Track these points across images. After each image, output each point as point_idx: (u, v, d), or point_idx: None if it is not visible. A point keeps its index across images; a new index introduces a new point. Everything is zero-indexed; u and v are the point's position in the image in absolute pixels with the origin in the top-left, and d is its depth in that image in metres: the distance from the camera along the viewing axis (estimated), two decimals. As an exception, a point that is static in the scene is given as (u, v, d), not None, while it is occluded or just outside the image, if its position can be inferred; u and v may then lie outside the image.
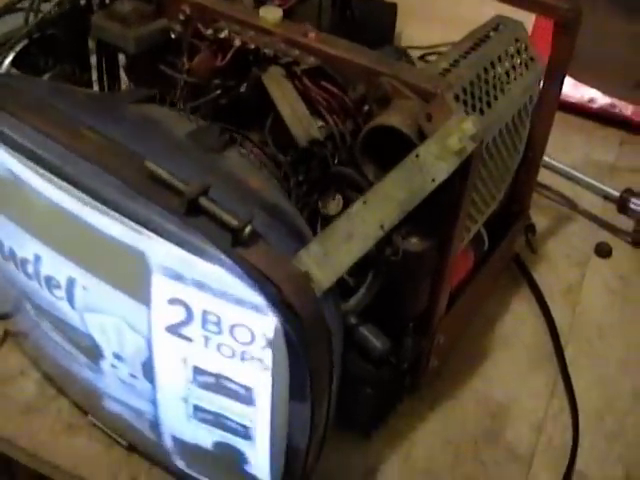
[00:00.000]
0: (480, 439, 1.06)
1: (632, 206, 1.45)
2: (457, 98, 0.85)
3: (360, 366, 0.95)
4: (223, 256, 0.66)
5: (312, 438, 0.76)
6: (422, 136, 0.81)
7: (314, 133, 0.87)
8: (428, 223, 0.87)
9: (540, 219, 1.38)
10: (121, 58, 1.10)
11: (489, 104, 0.89)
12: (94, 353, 0.82)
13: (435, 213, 0.86)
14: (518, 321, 1.24)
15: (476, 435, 1.06)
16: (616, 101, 1.65)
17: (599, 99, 1.65)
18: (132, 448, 0.97)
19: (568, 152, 1.56)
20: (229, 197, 0.71)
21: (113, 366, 0.81)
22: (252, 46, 0.91)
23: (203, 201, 0.67)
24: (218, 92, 0.94)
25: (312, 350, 0.68)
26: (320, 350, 0.69)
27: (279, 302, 0.65)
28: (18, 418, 1.01)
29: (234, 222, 0.66)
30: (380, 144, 0.86)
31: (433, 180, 0.77)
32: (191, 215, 0.67)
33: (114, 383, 0.83)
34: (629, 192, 1.46)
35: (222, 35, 0.92)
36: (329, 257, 0.69)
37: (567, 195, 1.48)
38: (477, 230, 1.02)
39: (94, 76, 1.13)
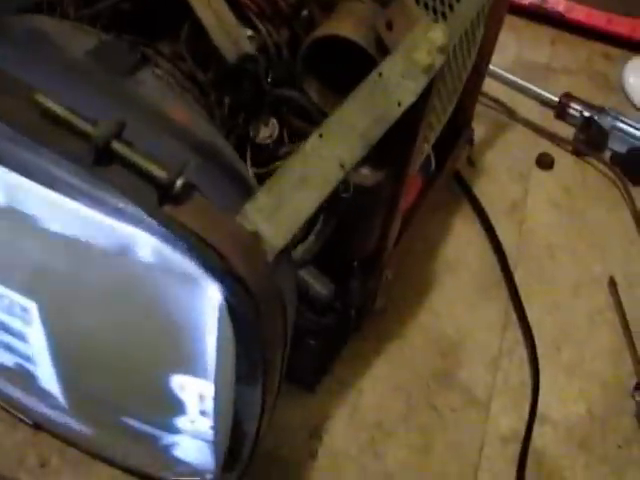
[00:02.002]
0: (432, 382, 0.96)
1: (571, 112, 1.35)
2: (417, 1, 0.70)
3: (302, 314, 0.82)
4: (147, 217, 0.51)
5: (262, 419, 0.64)
6: (381, 49, 0.66)
7: (244, 46, 0.71)
8: (379, 150, 0.73)
9: (476, 128, 1.24)
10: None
11: (451, 6, 0.75)
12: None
13: (387, 139, 0.71)
14: (462, 244, 1.13)
15: (427, 378, 0.96)
16: (547, -5, 1.52)
17: (530, -7, 1.53)
18: (38, 427, 0.82)
19: (498, 53, 1.41)
20: (150, 137, 0.55)
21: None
22: None
23: (117, 145, 0.51)
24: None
25: (265, 329, 0.54)
26: (274, 328, 0.56)
27: (223, 273, 0.51)
28: None
29: (161, 172, 0.50)
30: (324, 57, 0.71)
31: (399, 104, 0.63)
32: (102, 165, 0.51)
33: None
34: (568, 97, 1.35)
35: None
36: (281, 210, 0.55)
37: (503, 101, 1.35)
38: (426, 151, 0.89)
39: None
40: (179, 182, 0.51)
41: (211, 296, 0.53)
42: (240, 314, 0.54)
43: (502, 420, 0.94)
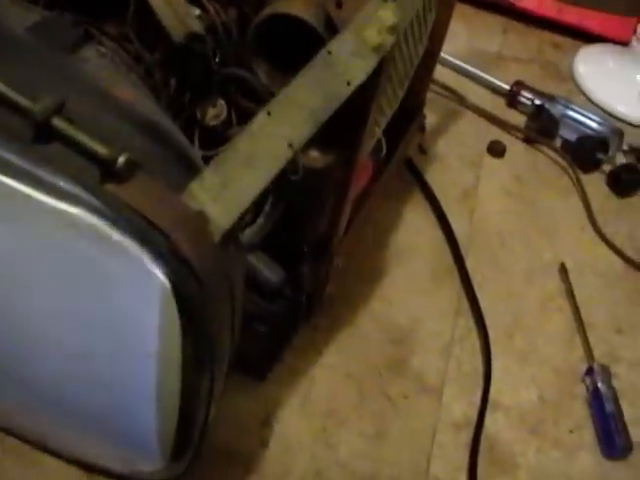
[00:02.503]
0: (384, 370, 0.95)
1: (522, 100, 1.35)
2: (367, -21, 0.69)
3: (251, 301, 0.81)
4: (88, 195, 0.49)
5: (210, 406, 0.62)
6: (330, 28, 0.65)
7: (192, 25, 0.69)
8: (329, 132, 0.71)
9: (428, 116, 1.24)
10: None
11: (402, -14, 0.74)
12: None
13: (337, 120, 0.70)
14: (414, 232, 1.12)
15: (380, 365, 0.95)
16: (498, -16, 1.52)
17: (481, -18, 1.52)
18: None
19: (450, 41, 1.41)
20: (92, 115, 0.53)
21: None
22: None
23: (57, 122, 0.49)
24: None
25: (211, 312, 0.53)
26: (221, 311, 0.55)
27: (167, 253, 0.50)
28: None
29: (103, 150, 0.49)
30: (273, 37, 0.69)
31: (349, 83, 0.62)
32: (41, 142, 0.49)
33: None
34: (519, 85, 1.36)
35: None
36: (228, 189, 0.54)
37: (454, 88, 1.35)
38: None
39: None
40: (121, 159, 0.49)
41: (155, 278, 0.51)
42: (185, 296, 0.52)
43: (455, 407, 0.93)
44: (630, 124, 1.43)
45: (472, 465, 0.88)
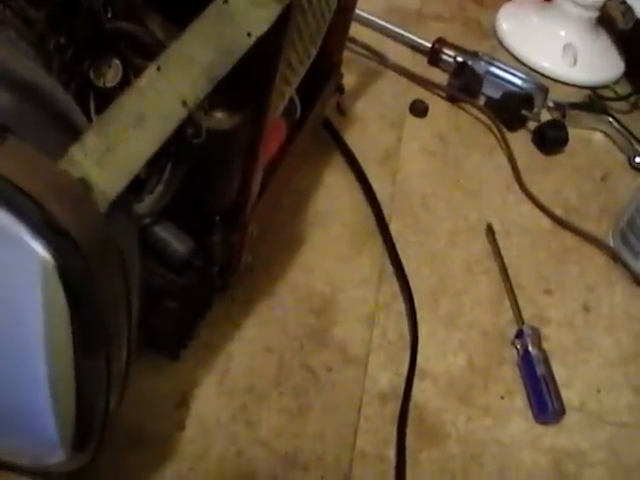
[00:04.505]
0: (306, 342, 0.90)
1: (444, 57, 1.31)
2: None
3: (159, 275, 0.76)
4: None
5: (111, 391, 0.57)
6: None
7: (75, -24, 0.63)
8: (234, 91, 0.66)
9: (347, 76, 1.19)
10: None
11: None
12: None
13: (243, 77, 0.65)
14: (334, 196, 1.07)
15: (301, 337, 0.91)
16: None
17: None
18: None
19: (369, -1, 1.38)
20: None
21: None
22: None
23: None
24: None
25: (100, 290, 0.47)
26: (112, 288, 0.49)
27: (45, 226, 0.44)
28: None
29: (-36, 111, 0.43)
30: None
31: (249, 34, 0.57)
32: None
33: None
34: (441, 42, 1.31)
35: None
36: (114, 153, 0.48)
37: (373, 47, 1.30)
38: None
39: None
40: (-14, 122, 0.43)
41: (33, 254, 0.46)
42: (69, 274, 0.47)
43: (381, 377, 0.89)
44: (555, 80, 1.40)
45: (400, 437, 0.84)
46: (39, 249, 0.45)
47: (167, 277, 0.75)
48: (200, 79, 0.54)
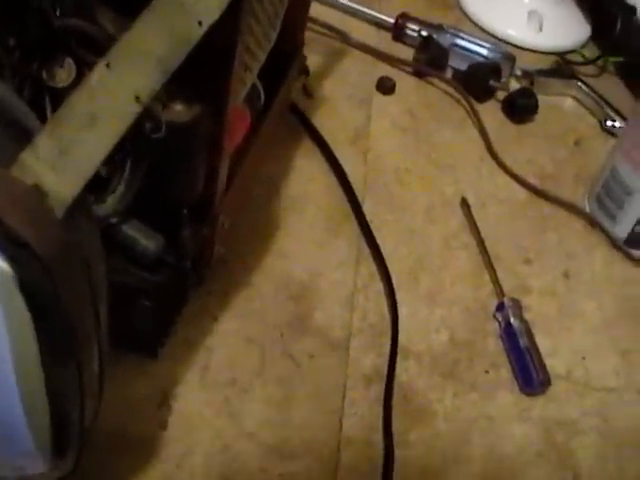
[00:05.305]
0: (286, 330, 0.89)
1: (409, 32, 1.30)
2: None
3: (131, 274, 0.74)
4: None
5: (85, 398, 0.55)
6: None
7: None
8: (192, 81, 0.65)
9: (311, 58, 1.17)
10: None
11: None
12: None
13: (200, 67, 0.63)
14: (306, 180, 1.06)
15: (281, 326, 0.90)
16: None
17: None
18: None
19: (329, -23, 1.36)
20: None
21: None
22: None
23: None
24: None
25: (64, 298, 0.46)
26: (77, 294, 0.48)
27: (2, 239, 0.42)
28: None
29: None
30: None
31: (200, 23, 0.55)
32: None
33: None
34: (405, 17, 1.30)
35: None
36: (68, 155, 0.47)
37: (336, 26, 1.29)
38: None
39: None
40: None
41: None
42: (30, 284, 0.45)
43: (363, 360, 0.88)
44: (521, 47, 1.39)
45: (386, 420, 0.83)
46: (-3, 261, 0.44)
47: (139, 276, 0.74)
48: (152, 73, 0.52)
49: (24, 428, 0.57)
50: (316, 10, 1.21)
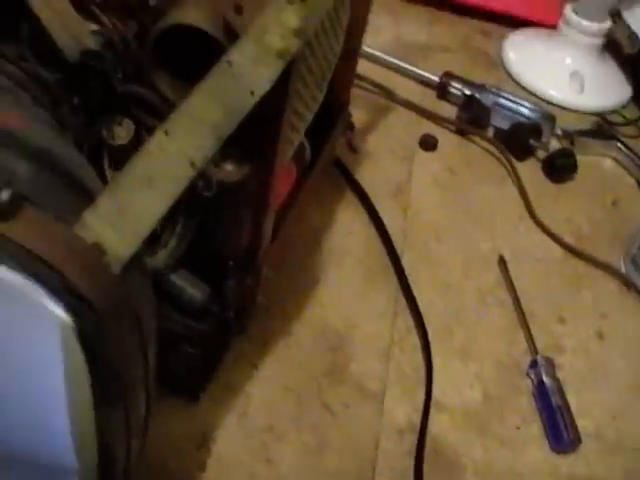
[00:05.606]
0: (323, 379, 0.92)
1: (452, 91, 1.33)
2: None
3: (177, 322, 0.78)
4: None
5: (131, 440, 0.59)
6: (230, 34, 0.62)
7: (87, 42, 0.65)
8: (242, 142, 0.68)
9: (356, 113, 1.21)
10: None
11: (307, -13, 0.71)
12: None
13: (250, 130, 0.67)
14: (346, 232, 1.10)
15: (318, 374, 0.93)
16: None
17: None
18: None
19: (376, 35, 1.40)
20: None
21: None
22: None
23: None
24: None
25: (117, 347, 0.50)
26: (128, 344, 0.51)
27: (63, 292, 0.46)
28: None
29: (-16, 185, 0.45)
30: (176, 48, 0.66)
31: (252, 93, 0.59)
32: None
33: None
34: (449, 76, 1.34)
35: None
36: (126, 215, 0.51)
37: (382, 83, 1.33)
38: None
39: None
40: (5, 195, 0.46)
41: (54, 317, 0.48)
42: (87, 333, 0.49)
43: (397, 411, 0.91)
44: (562, 108, 1.42)
45: (418, 472, 0.86)
46: (58, 312, 0.48)
47: (185, 323, 0.77)
48: (207, 140, 0.56)
49: (73, 465, 0.61)
50: (362, 67, 1.25)
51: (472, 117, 1.29)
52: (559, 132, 1.32)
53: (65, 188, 0.53)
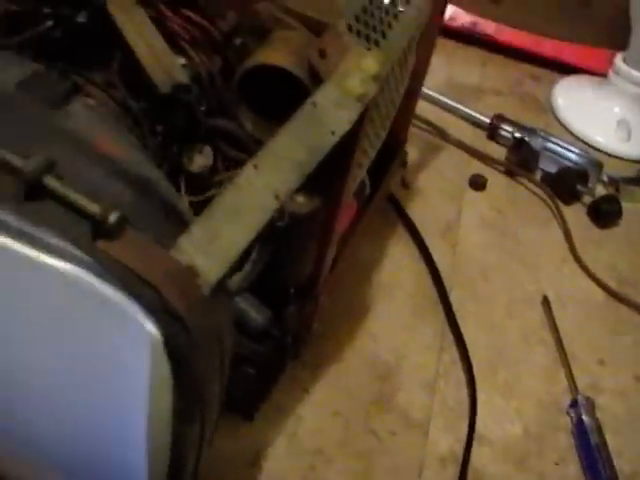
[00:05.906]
0: (371, 406, 0.96)
1: (503, 133, 1.37)
2: (350, 28, 0.70)
3: (240, 344, 0.81)
4: (81, 253, 0.50)
5: (201, 454, 0.62)
6: (314, 77, 0.66)
7: (177, 75, 0.70)
8: (314, 178, 0.72)
9: (409, 151, 1.25)
10: None
11: (384, 34, 0.75)
12: None
13: (322, 166, 0.71)
14: (397, 267, 1.13)
15: (366, 402, 0.96)
16: (478, 19, 1.54)
17: (460, 16, 1.54)
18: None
19: (430, 75, 1.43)
20: (82, 172, 0.54)
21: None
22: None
23: (49, 180, 0.50)
24: (50, 23, 0.74)
25: (202, 365, 0.53)
26: (211, 363, 0.55)
27: (159, 309, 0.50)
28: None
29: (94, 207, 0.49)
30: (258, 85, 0.70)
31: (333, 133, 0.63)
32: (33, 200, 0.50)
33: None
34: (499, 118, 1.38)
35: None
36: (216, 242, 0.55)
37: (434, 122, 1.37)
38: (361, 175, 0.89)
39: None
40: (112, 217, 0.50)
41: (147, 333, 0.52)
42: (177, 351, 0.53)
43: (441, 442, 0.94)
44: (609, 155, 1.45)
45: (459, 501, 0.89)
46: (152, 329, 0.52)
47: (247, 345, 0.81)
48: (291, 175, 0.60)
49: (142, 475, 0.64)
50: (417, 106, 1.30)
51: (521, 159, 1.33)
52: (605, 178, 1.36)
53: (161, 213, 0.58)
